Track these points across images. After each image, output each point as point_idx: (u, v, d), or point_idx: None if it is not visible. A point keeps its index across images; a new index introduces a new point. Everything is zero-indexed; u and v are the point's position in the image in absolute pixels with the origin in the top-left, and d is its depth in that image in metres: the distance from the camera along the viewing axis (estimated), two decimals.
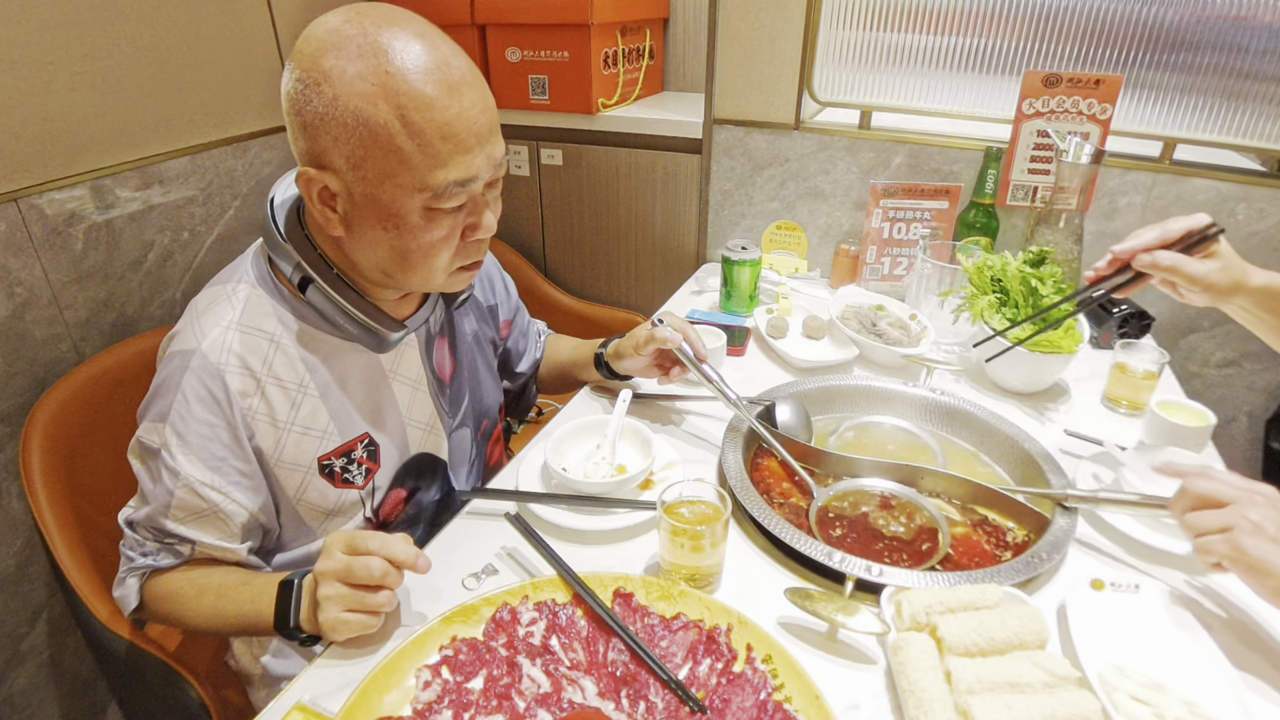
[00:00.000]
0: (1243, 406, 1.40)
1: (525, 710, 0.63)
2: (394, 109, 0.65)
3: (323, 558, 0.70)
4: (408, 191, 0.68)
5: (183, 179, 1.35)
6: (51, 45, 1.13)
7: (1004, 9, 1.33)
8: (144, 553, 0.79)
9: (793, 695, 0.63)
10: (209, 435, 0.74)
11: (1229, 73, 1.24)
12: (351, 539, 0.69)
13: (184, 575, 0.79)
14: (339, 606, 0.68)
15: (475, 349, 0.99)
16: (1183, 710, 0.60)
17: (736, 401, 0.96)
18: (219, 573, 0.79)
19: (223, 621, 0.77)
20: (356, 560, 0.68)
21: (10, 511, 1.16)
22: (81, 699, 1.32)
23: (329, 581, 0.68)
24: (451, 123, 0.66)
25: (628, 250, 1.83)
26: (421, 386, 0.90)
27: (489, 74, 1.74)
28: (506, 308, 1.09)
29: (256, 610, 0.74)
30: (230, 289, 0.77)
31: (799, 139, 1.52)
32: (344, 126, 0.66)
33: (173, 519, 0.76)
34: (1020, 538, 0.84)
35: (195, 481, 0.74)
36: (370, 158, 0.67)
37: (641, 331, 1.02)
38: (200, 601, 0.78)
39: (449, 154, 0.67)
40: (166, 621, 0.81)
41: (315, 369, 0.79)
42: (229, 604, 0.77)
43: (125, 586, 0.81)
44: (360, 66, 0.64)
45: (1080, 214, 1.24)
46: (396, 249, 0.73)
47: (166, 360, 0.76)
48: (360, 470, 0.84)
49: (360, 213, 0.71)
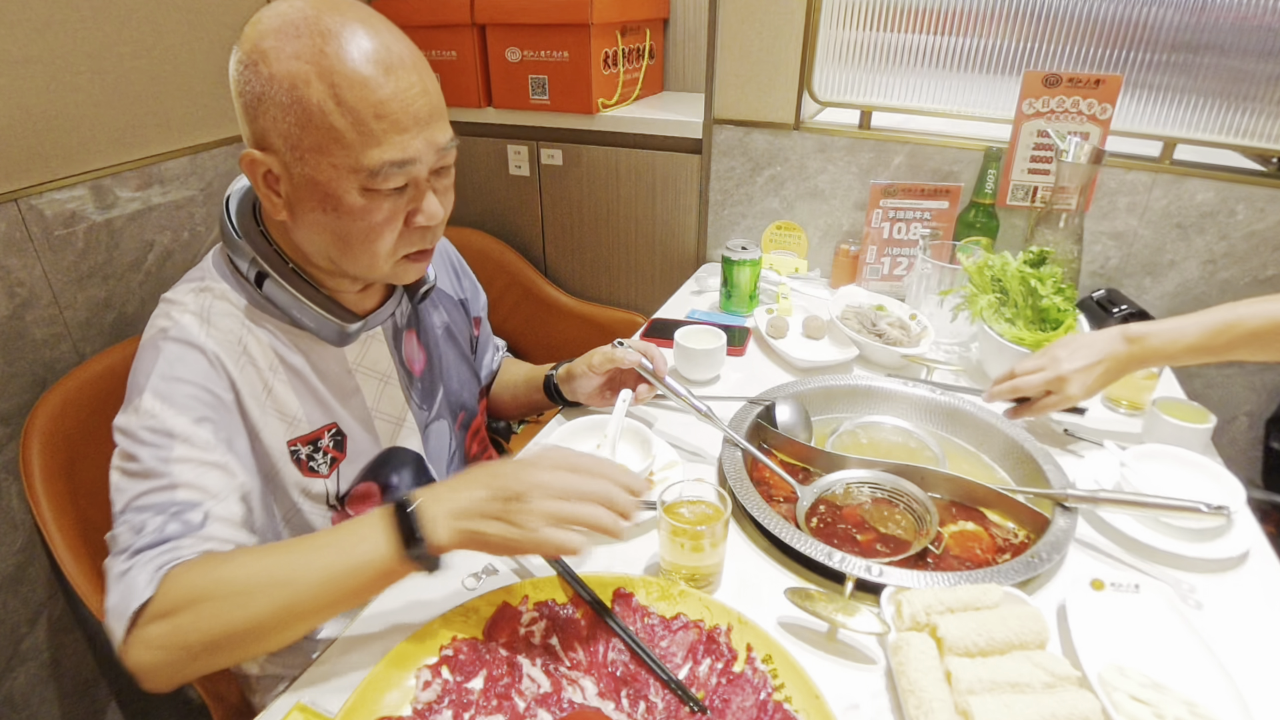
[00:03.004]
0: (1243, 406, 1.40)
1: (525, 710, 0.63)
2: (328, 87, 0.65)
3: (524, 466, 0.66)
4: (344, 172, 0.68)
5: (183, 179, 1.35)
6: (51, 45, 1.13)
7: (1004, 9, 1.33)
8: (141, 532, 0.64)
9: (793, 695, 0.63)
10: (193, 395, 0.70)
11: (1229, 73, 1.24)
12: (566, 456, 0.67)
13: (219, 557, 0.65)
14: (543, 524, 0.63)
15: (446, 341, 0.99)
16: (1183, 710, 0.60)
17: (708, 413, 0.96)
18: (263, 548, 0.67)
19: (295, 579, 0.62)
20: (579, 480, 0.66)
21: (10, 511, 1.16)
22: (81, 699, 1.32)
23: (539, 497, 0.64)
24: (386, 101, 0.66)
25: (628, 250, 1.83)
26: (391, 380, 0.89)
27: (489, 74, 1.74)
28: (475, 305, 1.09)
29: (359, 543, 0.63)
30: (198, 286, 0.77)
31: (799, 139, 1.52)
32: (280, 106, 0.66)
33: (177, 465, 0.67)
34: (1020, 538, 0.84)
35: (189, 433, 0.68)
36: (305, 137, 0.67)
37: (598, 353, 1.01)
38: (261, 563, 0.63)
39: (383, 133, 0.67)
40: (185, 619, 0.61)
41: (284, 357, 0.79)
42: (303, 554, 0.64)
43: (127, 581, 0.62)
44: (297, 46, 0.65)
45: (1080, 214, 1.24)
46: (337, 232, 0.72)
47: (141, 349, 0.74)
48: (325, 459, 0.83)
49: (300, 195, 0.71)
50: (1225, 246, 1.30)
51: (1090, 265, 1.40)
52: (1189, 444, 0.95)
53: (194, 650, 0.61)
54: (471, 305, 1.08)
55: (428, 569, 0.65)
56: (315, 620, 0.65)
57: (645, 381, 1.00)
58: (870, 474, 0.91)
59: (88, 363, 1.13)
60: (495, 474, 0.66)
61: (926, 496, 0.87)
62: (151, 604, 0.61)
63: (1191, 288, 1.35)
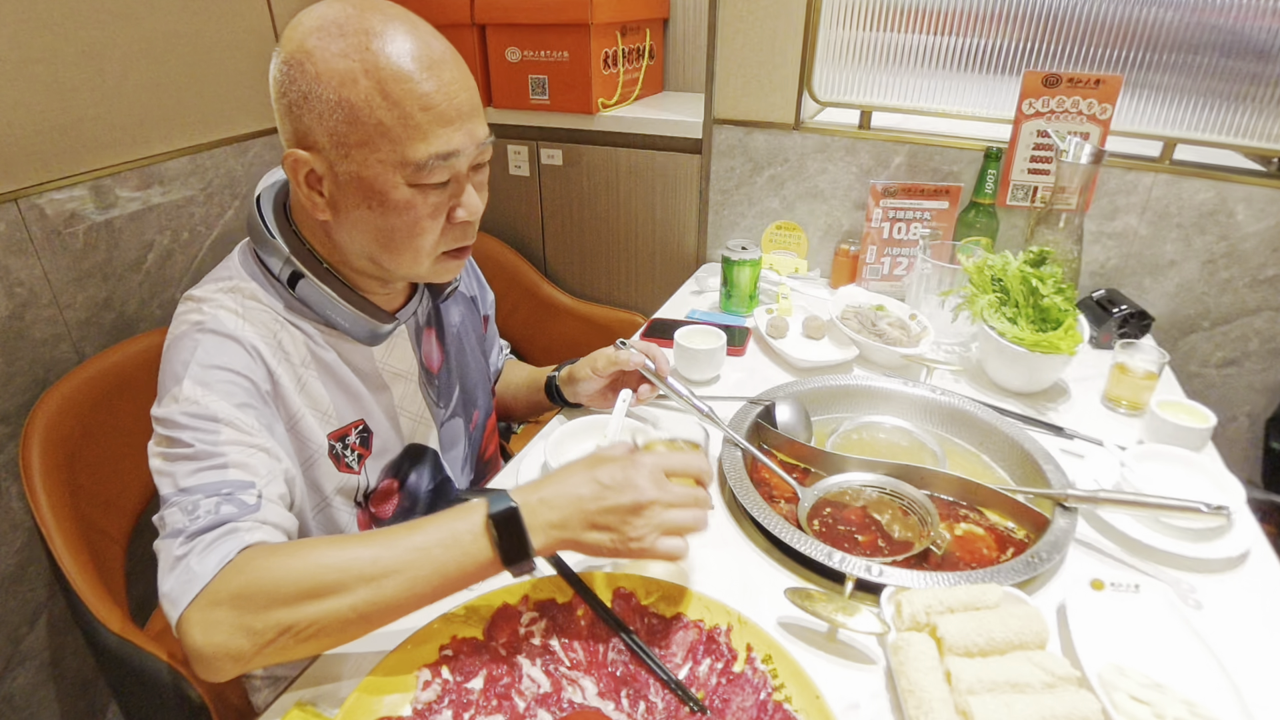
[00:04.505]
0: (1243, 406, 1.40)
1: (525, 710, 0.63)
2: (374, 83, 0.66)
3: (638, 477, 0.66)
4: (390, 167, 0.69)
5: (183, 179, 1.35)
6: (51, 45, 1.13)
7: (1004, 9, 1.33)
8: (195, 514, 0.62)
9: (793, 695, 0.63)
10: (232, 381, 0.70)
11: (1229, 73, 1.24)
12: (670, 463, 0.68)
13: (299, 544, 0.63)
14: (658, 536, 0.66)
15: (462, 339, 0.99)
16: (1183, 710, 0.60)
17: (710, 413, 0.96)
18: (345, 539, 0.65)
19: (383, 578, 0.60)
20: (686, 490, 0.68)
21: (10, 511, 1.16)
22: (81, 699, 1.32)
23: (656, 512, 0.65)
24: (431, 95, 0.68)
25: (628, 250, 1.83)
26: (412, 377, 0.90)
27: (489, 74, 1.74)
28: (484, 303, 1.10)
29: (452, 546, 0.62)
30: (227, 285, 0.77)
31: (799, 139, 1.52)
32: (326, 103, 0.67)
33: (226, 447, 0.65)
34: (1020, 538, 0.84)
35: (233, 416, 0.67)
36: (352, 133, 0.68)
37: (601, 356, 1.01)
38: (349, 554, 0.61)
39: (429, 126, 0.68)
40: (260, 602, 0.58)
41: (317, 354, 0.79)
42: (393, 549, 0.61)
43: (186, 565, 0.59)
44: (342, 45, 0.66)
45: (1080, 214, 1.24)
46: (382, 229, 0.73)
47: (173, 343, 0.73)
48: (354, 456, 0.84)
49: (345, 193, 0.71)
50: (1225, 246, 1.30)
51: (1090, 265, 1.40)
52: (1189, 444, 0.95)
53: (264, 638, 0.58)
54: (481, 303, 1.08)
55: (520, 574, 0.66)
56: (394, 617, 0.63)
57: (647, 382, 1.00)
58: (873, 477, 0.91)
59: (88, 363, 1.13)
60: (602, 479, 0.66)
61: (928, 498, 0.87)
62: (218, 586, 0.58)
63: (1191, 288, 1.35)
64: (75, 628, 1.28)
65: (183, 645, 0.59)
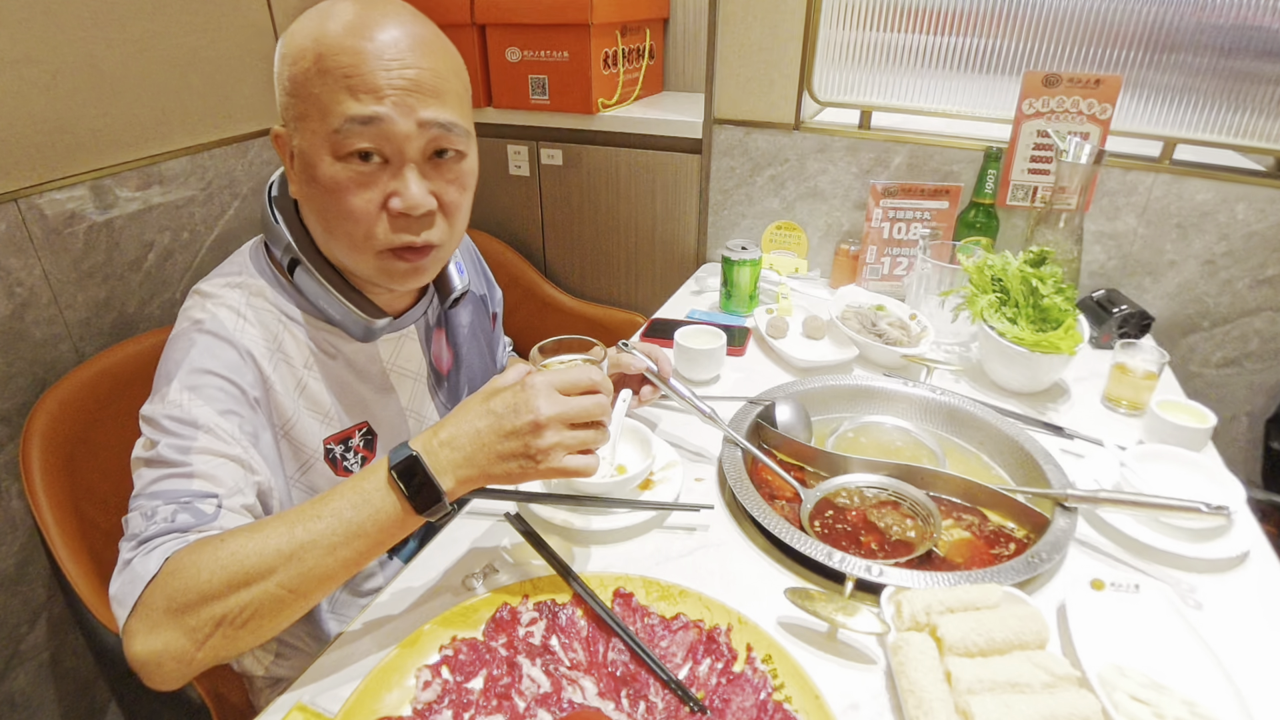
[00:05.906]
0: (1243, 406, 1.40)
1: (525, 710, 0.63)
2: (314, 57, 0.67)
3: (533, 398, 0.64)
4: (320, 139, 0.69)
5: (183, 179, 1.35)
6: (52, 45, 1.13)
7: (1004, 9, 1.33)
8: (152, 519, 0.63)
9: (793, 695, 0.63)
10: (220, 388, 0.70)
11: (1229, 73, 1.24)
12: (561, 379, 0.66)
13: (219, 536, 0.61)
14: (564, 453, 0.65)
15: (472, 340, 0.99)
16: (1183, 710, 0.60)
17: (711, 414, 0.96)
18: (261, 523, 0.63)
19: (303, 552, 0.60)
20: (583, 400, 0.66)
21: (10, 511, 1.16)
22: (81, 699, 1.32)
23: (556, 428, 0.64)
24: (358, 64, 0.66)
25: (628, 250, 1.83)
26: (421, 379, 0.90)
27: (489, 74, 1.74)
28: (493, 301, 1.09)
29: (362, 505, 0.62)
30: (234, 280, 0.77)
31: (799, 139, 1.52)
32: (283, 80, 0.70)
33: (197, 456, 0.65)
34: (1020, 538, 0.84)
35: (213, 423, 0.67)
36: (293, 106, 0.70)
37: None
38: (265, 536, 0.60)
39: (350, 91, 0.67)
40: (192, 599, 0.58)
41: (320, 354, 0.79)
42: (312, 519, 0.61)
43: (131, 568, 0.61)
44: (310, 25, 0.69)
45: (1080, 214, 1.24)
46: (320, 211, 0.73)
47: (173, 339, 0.73)
48: (357, 459, 0.84)
49: (299, 169, 0.72)
50: (1225, 246, 1.30)
51: (1090, 265, 1.40)
52: (1189, 444, 0.95)
53: (202, 633, 0.58)
54: (490, 301, 1.08)
55: (440, 518, 0.65)
56: (329, 586, 0.63)
57: (648, 383, 1.00)
58: (874, 478, 0.91)
59: (88, 363, 1.13)
60: (496, 409, 0.65)
61: (929, 499, 0.87)
62: (151, 592, 0.59)
63: (1191, 288, 1.35)
64: (75, 628, 1.28)
65: (127, 657, 0.59)
